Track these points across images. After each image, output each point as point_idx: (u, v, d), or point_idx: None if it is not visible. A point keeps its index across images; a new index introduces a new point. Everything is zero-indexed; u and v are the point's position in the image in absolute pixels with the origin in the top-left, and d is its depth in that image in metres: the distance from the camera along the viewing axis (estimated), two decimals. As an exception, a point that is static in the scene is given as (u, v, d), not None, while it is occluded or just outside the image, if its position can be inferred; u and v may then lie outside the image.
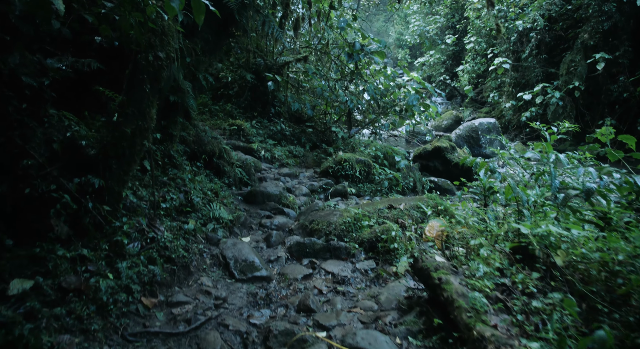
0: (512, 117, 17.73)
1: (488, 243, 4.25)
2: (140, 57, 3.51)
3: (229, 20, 5.93)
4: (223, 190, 5.77)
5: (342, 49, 11.06)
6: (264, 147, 9.55)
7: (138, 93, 3.55)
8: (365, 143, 9.93)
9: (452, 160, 11.03)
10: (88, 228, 3.45)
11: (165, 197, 4.27)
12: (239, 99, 11.93)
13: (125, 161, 3.58)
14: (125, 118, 3.52)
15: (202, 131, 7.07)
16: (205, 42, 5.90)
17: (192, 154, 6.31)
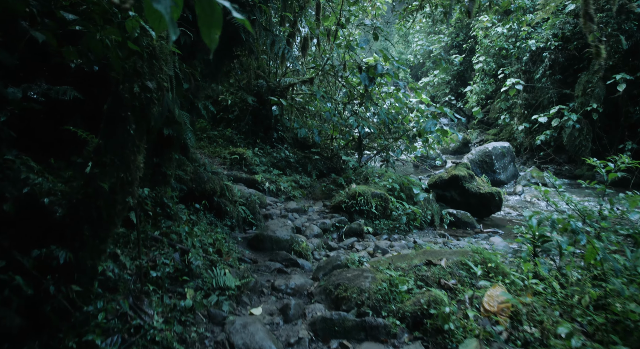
0: (524, 140, 16.94)
1: (565, 320, 3.35)
2: (122, 89, 2.64)
3: (233, 39, 5.09)
4: (226, 241, 4.85)
5: (351, 70, 10.27)
6: (268, 178, 8.67)
7: (119, 135, 2.67)
8: (378, 173, 9.07)
9: (470, 189, 10.17)
10: (49, 319, 2.54)
11: (156, 262, 3.37)
12: (240, 123, 11.09)
13: (101, 225, 2.68)
14: (102, 169, 2.63)
15: (201, 166, 6.19)
16: (206, 65, 5.06)
17: (190, 194, 5.43)
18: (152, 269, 3.27)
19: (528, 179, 13.77)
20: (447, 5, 12.31)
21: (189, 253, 3.67)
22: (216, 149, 9.66)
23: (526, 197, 12.34)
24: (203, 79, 5.09)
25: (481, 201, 10.09)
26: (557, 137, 15.56)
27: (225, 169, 8.67)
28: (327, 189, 9.17)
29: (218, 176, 6.16)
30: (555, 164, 16.22)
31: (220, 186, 5.92)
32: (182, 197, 5.32)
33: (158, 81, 2.82)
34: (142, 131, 2.81)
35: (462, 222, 9.34)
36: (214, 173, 6.15)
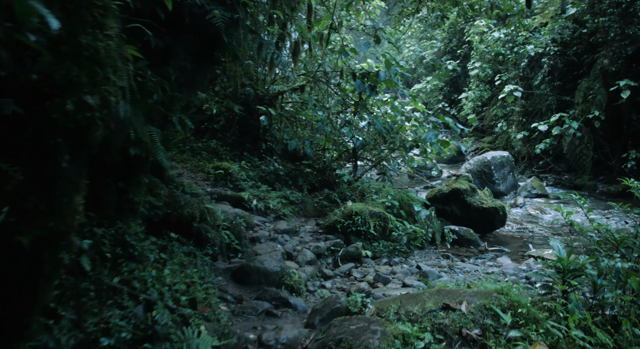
0: (522, 148, 16.36)
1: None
2: (49, 106, 1.91)
3: (213, 42, 4.38)
4: (205, 280, 4.11)
5: (345, 76, 9.59)
6: (255, 195, 7.95)
7: (47, 170, 1.95)
8: (375, 188, 8.38)
9: (472, 204, 9.53)
10: None
11: (108, 323, 2.64)
12: (226, 134, 10.36)
13: (22, 298, 1.95)
14: (23, 216, 1.90)
15: (179, 187, 5.47)
16: (182, 71, 4.34)
17: (165, 221, 4.70)
18: (104, 335, 2.54)
19: (529, 190, 13.16)
20: (445, 9, 11.72)
21: (154, 306, 2.95)
22: (199, 162, 8.93)
23: (528, 209, 11.72)
24: (179, 89, 4.37)
25: (484, 216, 9.46)
26: (557, 146, 14.99)
27: (209, 186, 7.95)
28: (320, 205, 8.47)
29: (198, 198, 5.44)
30: (554, 174, 15.65)
31: (201, 210, 5.20)
32: (155, 225, 4.60)
33: (103, 95, 2.10)
34: (81, 162, 2.09)
35: (465, 239, 8.70)
36: (193, 195, 5.43)
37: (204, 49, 4.43)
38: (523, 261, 7.82)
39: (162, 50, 4.11)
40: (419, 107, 10.41)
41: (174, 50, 4.28)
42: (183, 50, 4.33)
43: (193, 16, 4.14)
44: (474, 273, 6.78)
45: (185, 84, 4.45)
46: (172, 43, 4.23)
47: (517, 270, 7.05)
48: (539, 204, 12.28)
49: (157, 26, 3.96)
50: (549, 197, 13.11)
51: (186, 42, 4.34)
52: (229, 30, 4.24)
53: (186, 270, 4.06)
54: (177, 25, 4.17)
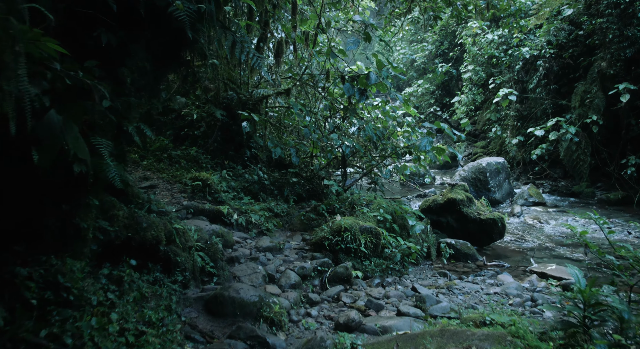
0: (517, 154, 15.85)
1: None
2: None
3: (178, 39, 3.77)
4: (163, 323, 3.47)
5: (333, 79, 9.01)
6: (237, 208, 7.32)
7: None
8: (366, 199, 7.78)
9: (469, 215, 8.97)
10: None
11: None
12: (207, 140, 9.73)
13: None
14: None
15: (144, 204, 4.83)
16: (142, 73, 3.72)
17: (124, 246, 4.07)
18: None
19: (525, 198, 12.63)
20: (437, 9, 11.17)
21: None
22: (177, 172, 8.29)
23: (526, 219, 11.19)
24: (137, 93, 3.75)
25: (482, 228, 8.90)
26: (553, 152, 14.50)
27: (186, 198, 7.31)
28: (307, 218, 7.86)
29: (167, 217, 4.81)
30: (550, 180, 15.16)
31: (168, 231, 4.57)
32: (112, 252, 3.98)
33: None
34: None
35: (462, 253, 8.15)
36: (161, 213, 4.79)
37: (166, 47, 3.82)
38: (525, 277, 7.26)
39: (116, 48, 3.50)
40: (411, 111, 9.84)
41: (132, 49, 3.66)
42: (142, 49, 3.71)
43: (151, 8, 3.53)
44: (474, 294, 6.19)
45: (146, 88, 3.83)
46: (127, 40, 3.61)
47: (521, 289, 6.48)
48: (537, 213, 11.75)
49: (108, 20, 3.36)
50: (546, 205, 12.60)
51: (145, 39, 3.72)
52: (196, 25, 3.63)
53: (145, 308, 3.43)
54: (134, 20, 3.55)
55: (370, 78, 5.54)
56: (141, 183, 7.75)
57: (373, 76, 5.51)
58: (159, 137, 9.53)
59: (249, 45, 4.04)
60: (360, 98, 5.68)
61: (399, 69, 5.75)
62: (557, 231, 10.23)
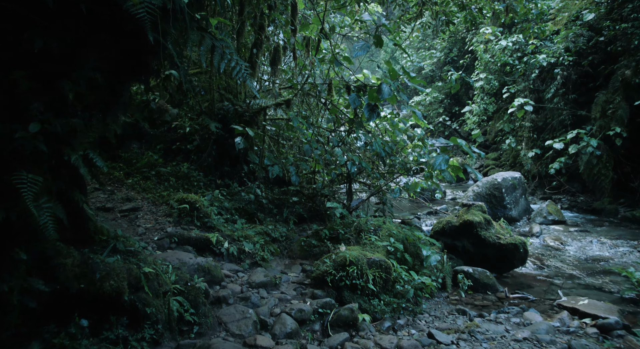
0: (532, 167, 14.97)
1: None
2: None
3: (137, 42, 2.97)
4: None
5: (337, 90, 8.21)
6: (228, 235, 6.49)
7: None
8: (374, 224, 6.94)
9: (487, 239, 8.13)
10: None
11: None
12: (201, 155, 8.92)
13: None
14: None
15: (109, 242, 4.02)
16: (91, 86, 2.91)
17: (77, 300, 3.26)
18: None
19: (544, 216, 11.74)
20: (450, 13, 10.38)
21: None
22: (163, 192, 7.47)
23: (546, 240, 10.30)
24: (85, 112, 2.94)
25: (501, 254, 8.06)
26: (573, 164, 13.60)
27: (171, 224, 6.49)
28: (308, 244, 7.03)
29: (136, 259, 3.99)
30: (568, 195, 14.26)
31: (135, 277, 3.75)
32: (61, 308, 3.17)
33: None
34: None
35: (480, 283, 7.32)
36: (128, 254, 3.97)
37: (125, 53, 3.01)
38: (554, 314, 6.41)
39: (57, 55, 2.70)
40: (422, 123, 9.01)
41: (79, 57, 2.86)
42: (93, 56, 2.90)
43: (101, 4, 2.73)
44: (500, 339, 5.32)
45: (98, 105, 3.02)
46: (76, 46, 2.82)
47: (552, 331, 5.63)
48: (557, 233, 10.86)
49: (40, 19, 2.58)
50: (567, 224, 11.70)
51: (97, 44, 2.92)
52: (162, 25, 2.82)
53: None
54: (81, 19, 2.75)
55: (382, 91, 4.62)
56: (122, 205, 6.95)
57: (386, 89, 4.57)
58: (148, 152, 8.73)
59: (231, 51, 3.23)
60: (371, 116, 4.75)
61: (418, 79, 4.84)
62: (583, 254, 9.35)
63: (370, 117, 4.48)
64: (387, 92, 4.35)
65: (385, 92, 4.37)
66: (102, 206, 6.81)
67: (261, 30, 5.74)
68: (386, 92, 4.37)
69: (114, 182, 7.90)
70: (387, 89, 4.38)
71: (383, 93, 4.37)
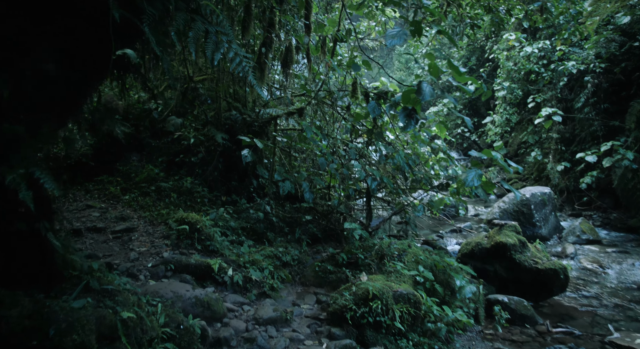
0: (560, 181, 14.05)
1: None
2: None
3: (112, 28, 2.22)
4: None
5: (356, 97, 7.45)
6: (233, 260, 5.71)
7: None
8: (398, 248, 6.13)
9: (522, 263, 7.27)
10: None
11: None
12: (206, 168, 8.19)
13: None
14: None
15: (81, 279, 3.27)
16: (40, 82, 2.17)
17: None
18: None
19: (577, 235, 10.82)
20: (475, 16, 9.62)
21: None
22: (163, 210, 6.73)
23: (582, 262, 9.38)
24: (31, 115, 2.18)
25: (539, 280, 7.20)
26: (605, 178, 12.68)
27: (169, 248, 5.73)
28: (323, 270, 6.23)
29: (113, 301, 3.22)
30: (599, 212, 13.31)
31: (109, 326, 2.98)
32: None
33: None
34: None
35: (517, 315, 6.46)
36: (102, 295, 3.21)
37: (88, 39, 2.26)
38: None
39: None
40: (443, 134, 8.22)
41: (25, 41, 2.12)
42: (43, 43, 2.16)
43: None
44: (552, 390, 4.49)
45: (51, 108, 2.27)
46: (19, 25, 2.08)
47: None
48: (593, 254, 9.94)
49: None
50: (602, 244, 10.76)
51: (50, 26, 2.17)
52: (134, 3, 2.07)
53: None
54: None
55: (422, 91, 3.61)
56: (116, 225, 6.22)
57: (427, 89, 3.54)
58: (148, 165, 8.01)
59: (230, 39, 2.48)
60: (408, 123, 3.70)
61: (468, 76, 3.89)
62: (627, 279, 8.44)
63: (407, 125, 3.56)
64: (429, 93, 3.45)
65: (427, 92, 3.46)
66: (93, 226, 6.08)
67: (271, 26, 5.01)
68: (427, 92, 3.45)
69: (109, 198, 7.19)
70: (429, 89, 3.44)
71: (424, 94, 3.45)
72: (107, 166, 7.98)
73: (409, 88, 3.36)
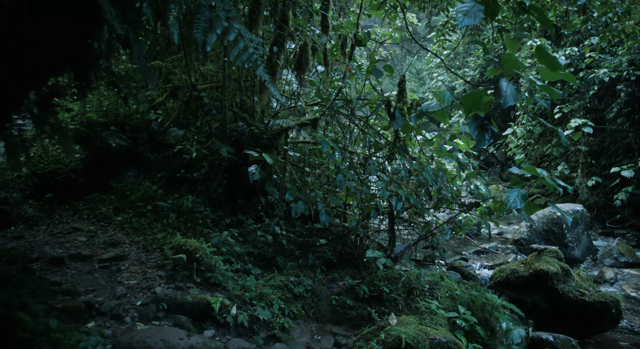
0: (589, 197, 13.14)
1: None
2: None
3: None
4: None
5: (374, 106, 6.65)
6: (237, 295, 4.89)
7: None
8: (429, 281, 5.28)
9: (566, 295, 6.40)
10: None
11: None
12: (209, 185, 7.41)
13: None
14: None
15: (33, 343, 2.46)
16: None
17: None
18: None
19: (615, 257, 9.90)
20: (504, 19, 8.83)
21: None
22: (158, 235, 5.94)
23: (625, 289, 8.47)
24: None
25: (585, 314, 6.31)
26: (637, 195, 11.77)
27: (162, 281, 4.92)
28: (341, 304, 5.39)
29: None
30: (633, 230, 12.37)
31: None
32: None
33: None
34: None
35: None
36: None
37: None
38: None
39: None
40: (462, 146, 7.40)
41: None
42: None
43: None
44: None
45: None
46: None
47: None
48: (636, 279, 9.01)
49: None
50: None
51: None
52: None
53: None
54: None
55: (501, 92, 2.29)
56: (104, 252, 5.42)
57: (508, 89, 2.21)
58: (145, 181, 7.24)
59: (231, 17, 1.70)
60: (481, 137, 2.44)
61: (564, 72, 2.97)
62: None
63: (480, 139, 2.48)
64: (512, 95, 2.38)
65: (508, 93, 2.37)
66: (77, 253, 5.29)
67: (284, 22, 4.25)
68: (509, 93, 2.37)
69: (99, 220, 6.40)
70: (511, 90, 2.36)
71: (505, 96, 2.37)
72: (99, 183, 7.21)
73: (477, 92, 2.48)
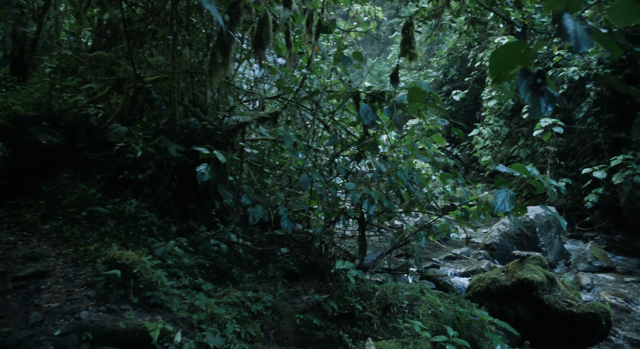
0: (558, 199, 12.82)
1: None
2: None
3: None
4: None
5: (340, 99, 5.96)
6: (184, 317, 4.08)
7: None
8: (408, 296, 4.60)
9: (552, 305, 5.85)
10: None
11: None
12: (156, 187, 6.55)
13: None
14: None
15: None
16: None
17: None
18: None
19: (589, 261, 9.50)
20: (477, 11, 8.31)
21: None
22: (91, 246, 5.05)
23: (603, 295, 8.03)
24: None
25: (573, 326, 5.77)
26: (611, 196, 11.48)
27: (92, 301, 4.06)
28: (306, 324, 4.65)
29: None
30: (601, 233, 12.10)
31: None
32: None
33: None
34: None
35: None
36: None
37: None
38: None
39: None
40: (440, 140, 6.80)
41: None
42: None
43: None
44: None
45: None
46: None
47: None
48: (612, 284, 8.60)
49: None
50: (617, 271, 9.47)
51: None
52: None
53: None
54: None
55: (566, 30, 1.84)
56: (23, 268, 4.51)
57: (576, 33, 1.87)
58: (80, 184, 6.31)
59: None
60: (536, 100, 1.92)
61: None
62: (664, 319, 7.11)
63: (535, 107, 1.76)
64: (583, 38, 1.72)
65: (579, 35, 1.70)
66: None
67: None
68: (580, 35, 1.70)
69: (22, 228, 5.46)
70: (580, 29, 1.72)
71: (573, 37, 1.68)
72: (26, 186, 6.25)
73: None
